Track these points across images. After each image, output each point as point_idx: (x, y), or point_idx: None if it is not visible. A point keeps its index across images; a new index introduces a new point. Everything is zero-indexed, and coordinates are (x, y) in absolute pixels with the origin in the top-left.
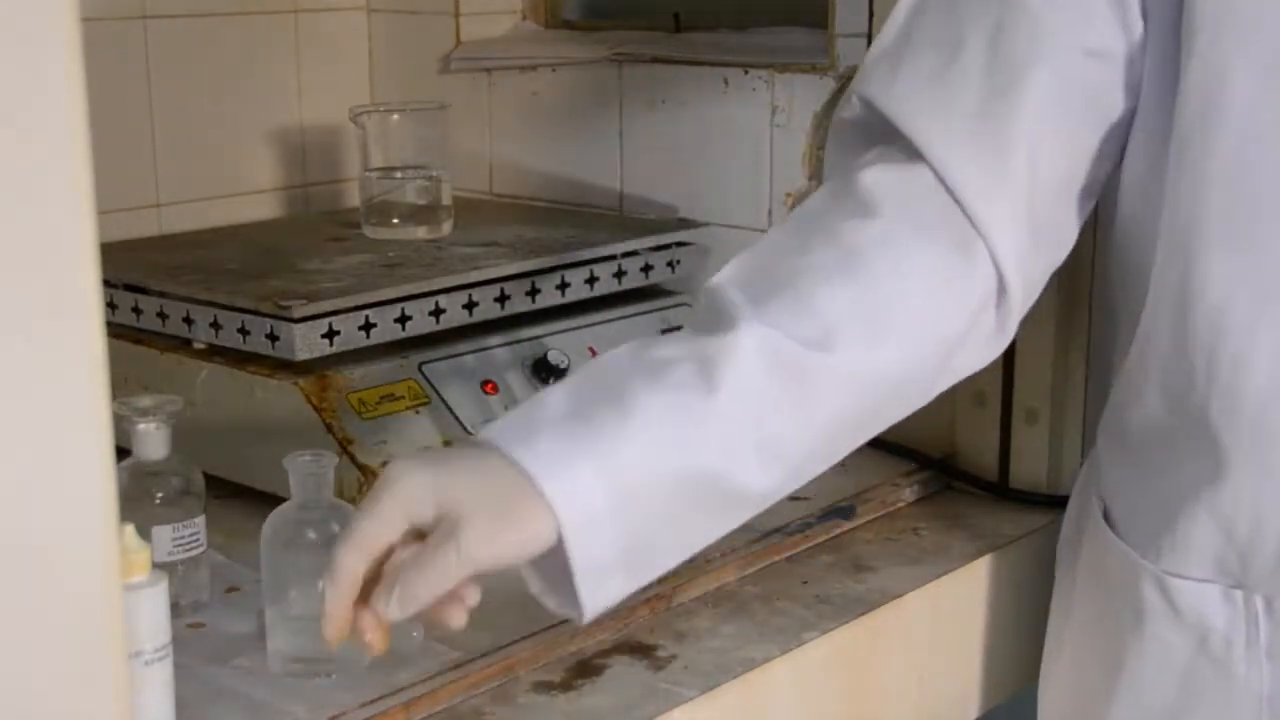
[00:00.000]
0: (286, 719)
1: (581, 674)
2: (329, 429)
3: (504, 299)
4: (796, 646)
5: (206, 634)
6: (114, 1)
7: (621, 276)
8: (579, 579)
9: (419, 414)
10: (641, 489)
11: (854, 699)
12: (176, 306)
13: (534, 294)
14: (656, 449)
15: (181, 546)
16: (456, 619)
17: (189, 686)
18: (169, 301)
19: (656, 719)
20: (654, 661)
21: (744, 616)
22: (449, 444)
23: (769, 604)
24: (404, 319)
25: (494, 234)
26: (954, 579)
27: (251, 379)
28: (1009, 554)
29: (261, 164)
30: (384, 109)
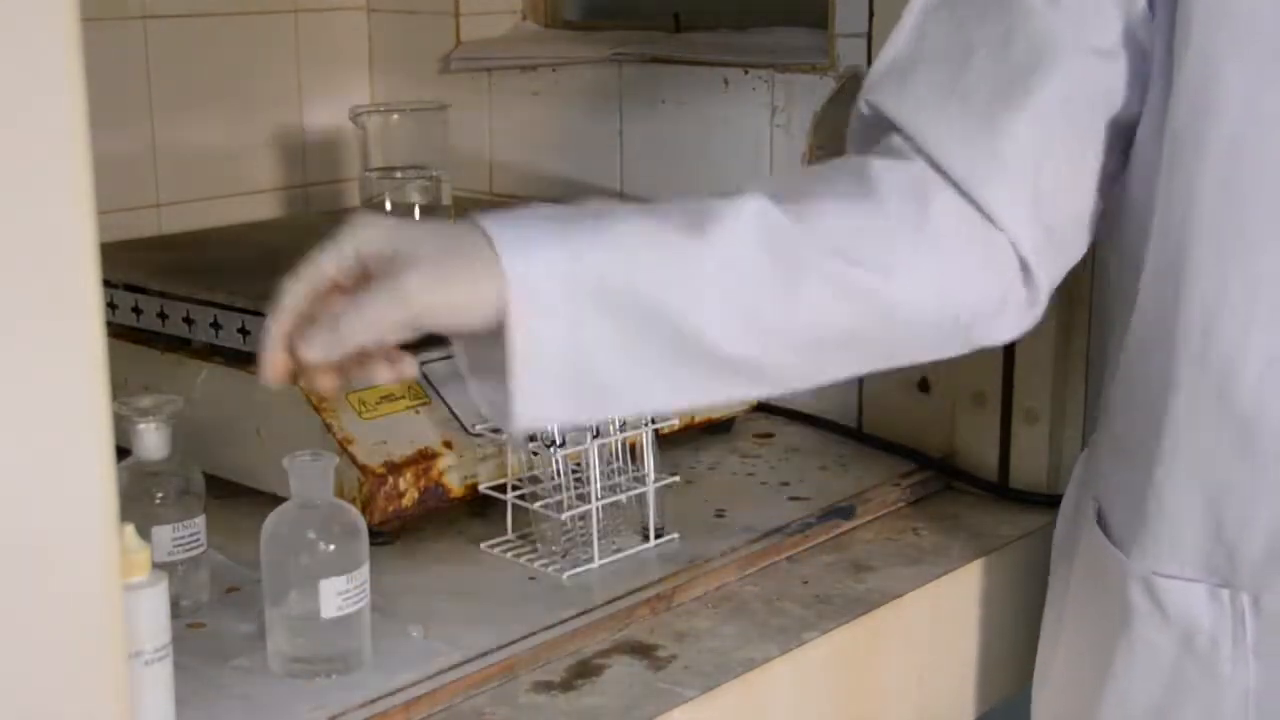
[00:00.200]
0: (286, 719)
1: (581, 674)
2: (329, 429)
3: None
4: (796, 646)
5: (206, 634)
6: (114, 1)
7: None
8: (517, 368)
9: (419, 414)
10: (603, 299)
11: (854, 699)
12: (176, 306)
13: None
14: (630, 267)
15: (181, 546)
16: (381, 375)
17: (189, 686)
18: (169, 301)
19: (656, 719)
20: (654, 661)
21: (744, 616)
22: (449, 445)
23: (769, 604)
24: None
25: None
26: (954, 579)
27: (251, 379)
28: (1009, 554)
29: (261, 164)
30: (384, 109)
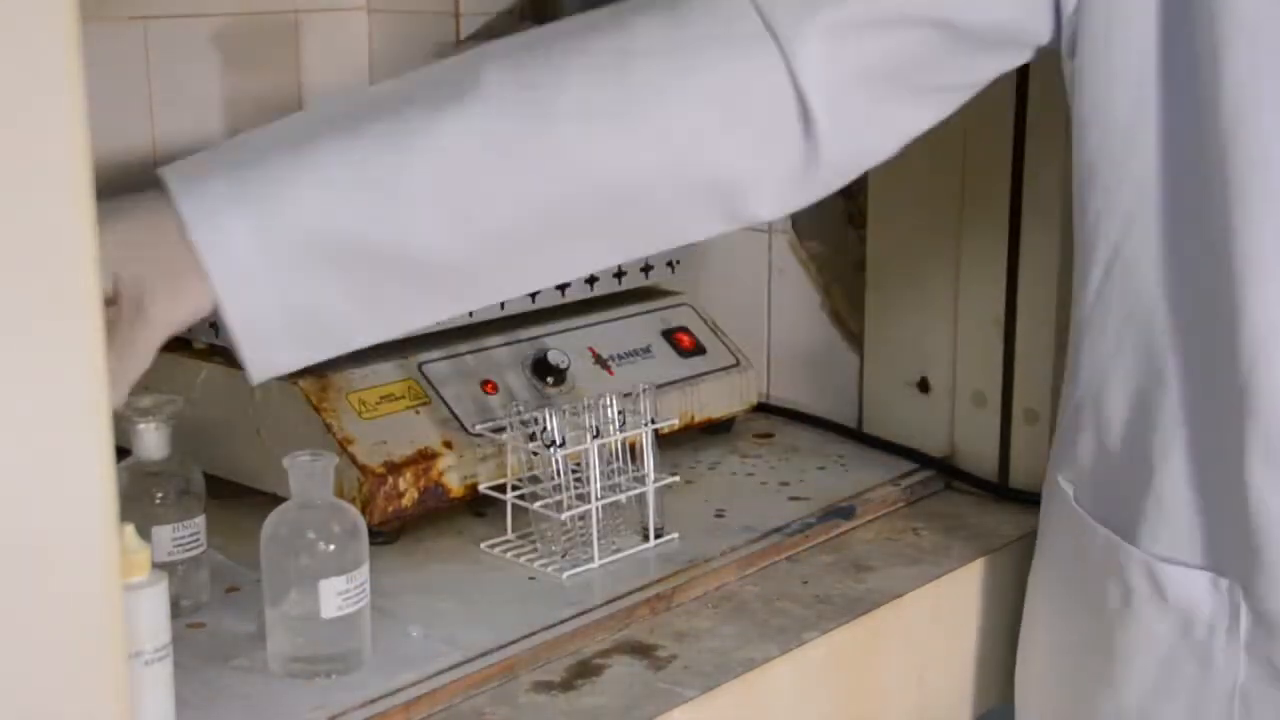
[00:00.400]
0: (286, 719)
1: (581, 674)
2: (329, 429)
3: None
4: (796, 646)
5: (206, 634)
6: (114, 1)
7: (621, 276)
8: (238, 338)
9: (419, 414)
10: (309, 254)
11: (854, 699)
12: None
13: (534, 294)
14: (331, 210)
15: (181, 546)
16: None
17: (189, 686)
18: None
19: (656, 719)
20: (654, 661)
21: (744, 616)
22: (449, 445)
23: (769, 604)
24: None
25: None
26: (954, 579)
27: None
28: (1009, 554)
29: None
30: None
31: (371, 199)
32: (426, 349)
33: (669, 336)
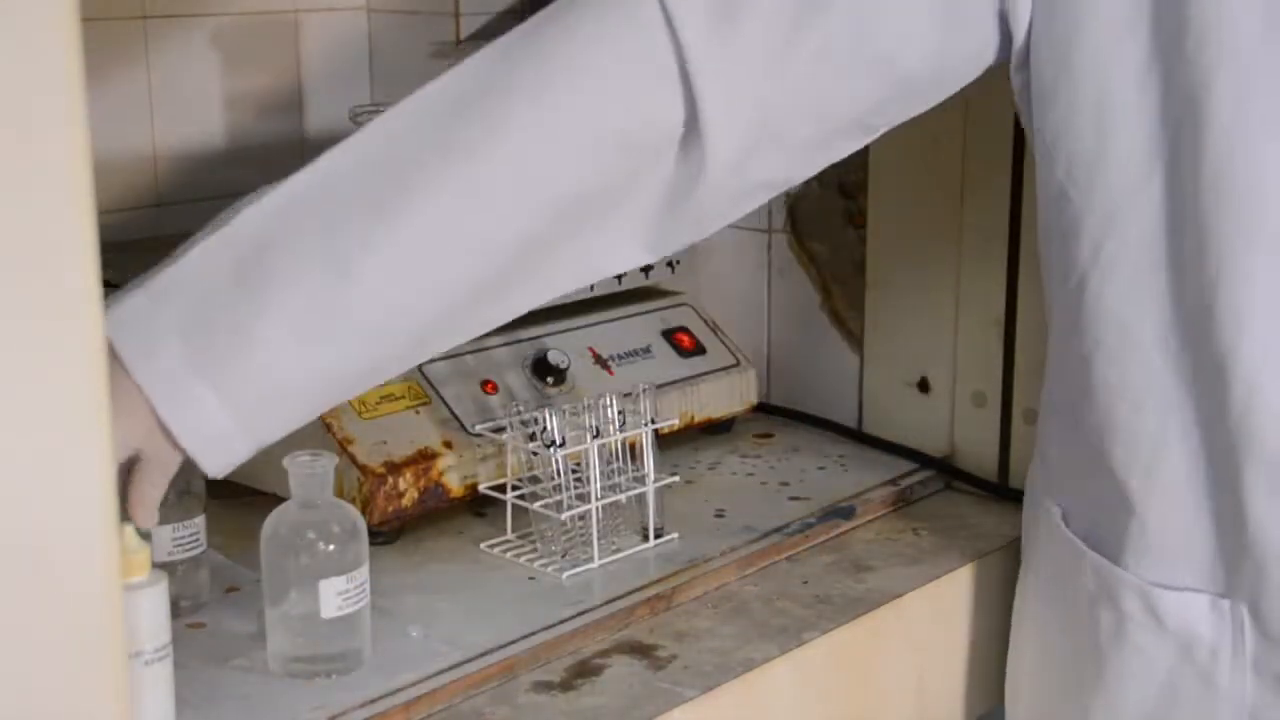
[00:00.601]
0: (286, 719)
1: (581, 674)
2: (329, 429)
3: None
4: (796, 646)
5: (206, 634)
6: (114, 1)
7: (621, 276)
8: (207, 471)
9: (419, 414)
10: (270, 398)
11: (854, 699)
12: None
13: None
14: (285, 363)
15: (181, 546)
16: None
17: (189, 686)
18: None
19: (656, 719)
20: (654, 661)
21: (744, 616)
22: (449, 445)
23: (769, 604)
24: None
25: None
26: (954, 579)
27: None
28: (1009, 554)
29: (261, 164)
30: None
31: (328, 339)
32: None
33: (669, 336)
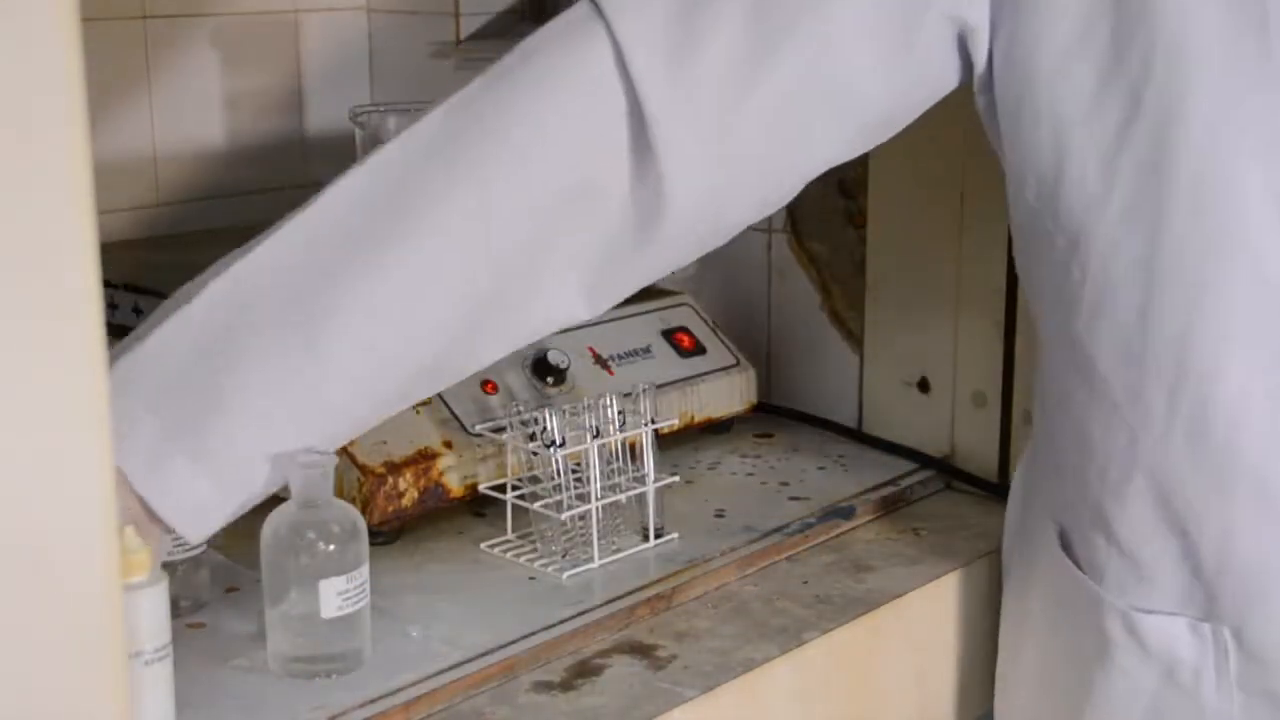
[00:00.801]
0: (286, 719)
1: (581, 674)
2: None
3: None
4: (796, 646)
5: (206, 634)
6: (114, 1)
7: None
8: (188, 538)
9: (419, 414)
10: (246, 469)
11: (854, 699)
12: None
13: None
14: (260, 440)
15: (181, 546)
16: None
17: (189, 686)
18: None
19: (656, 719)
20: (654, 661)
21: (744, 616)
22: (449, 445)
23: (769, 604)
24: None
25: None
26: (954, 579)
27: None
28: None
29: (261, 164)
30: (384, 109)
31: (299, 410)
32: None
33: (669, 336)
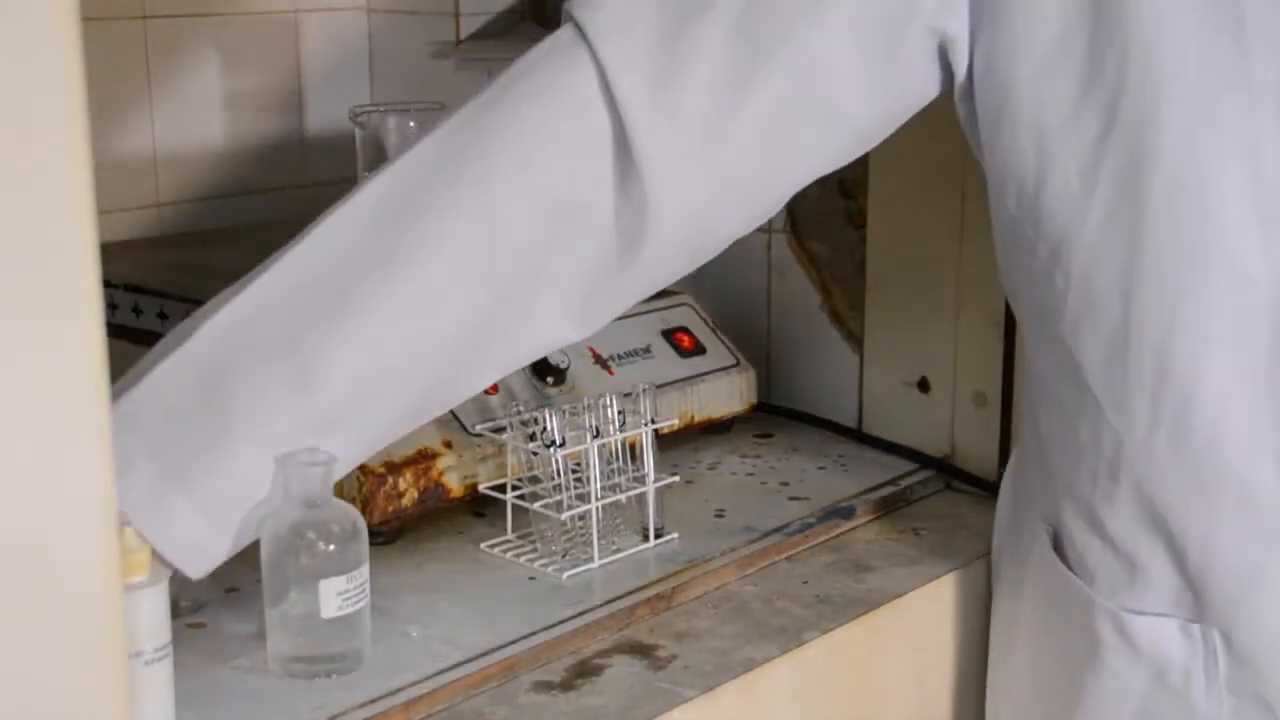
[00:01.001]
0: (286, 719)
1: (581, 674)
2: None
3: None
4: (796, 646)
5: (206, 634)
6: (114, 1)
7: None
8: (190, 574)
9: None
10: (246, 504)
11: (854, 699)
12: (176, 306)
13: None
14: (260, 477)
15: None
16: None
17: (189, 686)
18: (169, 301)
19: (656, 719)
20: (654, 661)
21: (744, 616)
22: (449, 445)
23: (769, 604)
24: None
25: None
26: (954, 579)
27: None
28: None
29: (261, 164)
30: (384, 109)
31: (296, 444)
32: None
33: (669, 336)
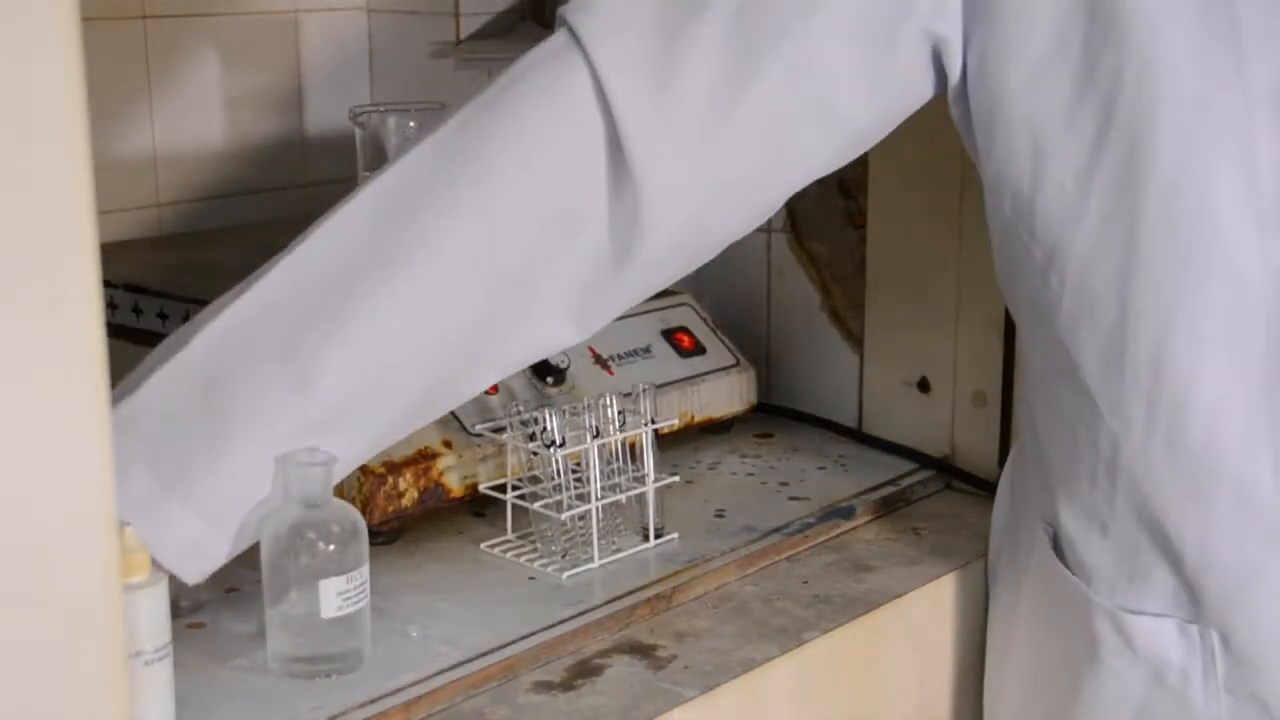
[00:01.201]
0: (286, 719)
1: (581, 674)
2: None
3: None
4: (796, 646)
5: (206, 634)
6: (114, 1)
7: None
8: (187, 580)
9: None
10: (246, 506)
11: (854, 699)
12: (176, 306)
13: None
14: (259, 481)
15: None
16: None
17: (189, 686)
18: (169, 301)
19: (656, 719)
20: (654, 661)
21: (744, 616)
22: (449, 444)
23: (769, 604)
24: None
25: None
26: (954, 579)
27: None
28: None
29: (261, 164)
30: (384, 109)
31: (295, 446)
32: None
33: (669, 336)
